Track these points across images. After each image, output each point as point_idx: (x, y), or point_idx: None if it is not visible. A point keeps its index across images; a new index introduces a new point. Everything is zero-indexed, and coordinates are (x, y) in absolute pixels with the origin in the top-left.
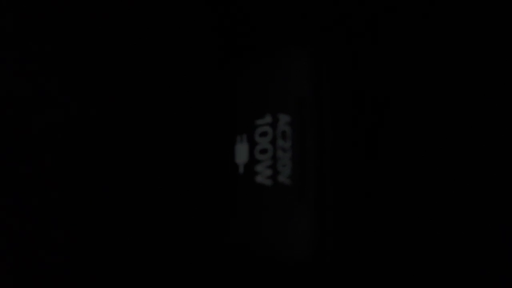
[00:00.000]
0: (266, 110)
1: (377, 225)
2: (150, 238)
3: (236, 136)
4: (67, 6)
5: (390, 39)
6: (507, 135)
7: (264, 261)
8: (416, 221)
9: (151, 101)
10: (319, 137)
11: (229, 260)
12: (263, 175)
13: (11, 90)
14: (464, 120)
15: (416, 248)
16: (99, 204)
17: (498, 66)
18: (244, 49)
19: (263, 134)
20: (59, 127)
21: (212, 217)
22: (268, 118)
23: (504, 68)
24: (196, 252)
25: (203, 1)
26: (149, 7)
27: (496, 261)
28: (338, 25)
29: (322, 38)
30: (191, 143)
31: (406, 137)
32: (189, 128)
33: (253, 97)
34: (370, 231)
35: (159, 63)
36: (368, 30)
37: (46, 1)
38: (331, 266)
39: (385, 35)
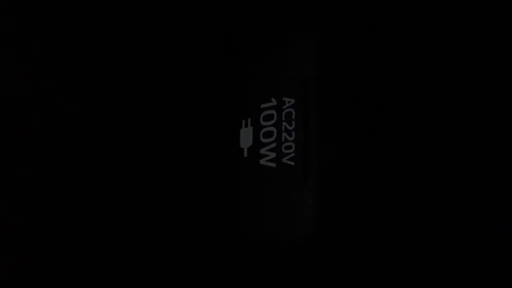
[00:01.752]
0: (272, 94)
1: (378, 205)
2: (154, 229)
3: (241, 120)
4: (67, 6)
5: (390, 39)
6: (507, 136)
7: (269, 239)
8: (412, 208)
9: (151, 95)
10: (323, 119)
11: (236, 242)
12: (267, 158)
13: (11, 90)
14: (463, 120)
15: (412, 231)
16: (99, 204)
17: (498, 66)
18: (245, 45)
19: (268, 117)
20: (59, 127)
21: (215, 203)
22: (273, 101)
23: (504, 68)
24: (202, 237)
25: (203, 1)
26: (149, 7)
27: (492, 261)
28: (338, 25)
29: (324, 34)
30: (195, 134)
31: (404, 129)
32: (192, 119)
33: (258, 81)
34: (371, 209)
35: (159, 62)
36: (368, 30)
37: (46, 1)
38: (334, 243)
39: (385, 35)
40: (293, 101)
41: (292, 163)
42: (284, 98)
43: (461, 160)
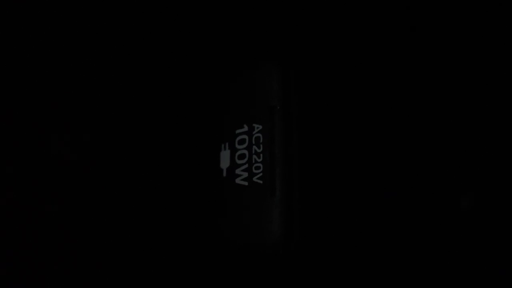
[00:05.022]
0: (244, 121)
1: (338, 217)
2: (141, 236)
3: (220, 144)
4: (67, 6)
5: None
6: (507, 136)
7: (241, 250)
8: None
9: (146, 105)
10: (286, 143)
11: (211, 252)
12: (241, 177)
13: (11, 90)
14: (459, 121)
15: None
16: (97, 204)
17: (498, 66)
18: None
19: (242, 141)
20: (59, 127)
21: (200, 216)
22: (245, 127)
23: (504, 68)
24: (186, 247)
25: None
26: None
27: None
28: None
29: (294, 52)
30: (182, 151)
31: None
32: (181, 138)
33: (233, 109)
34: (332, 222)
35: (159, 65)
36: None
37: (46, 1)
38: (297, 252)
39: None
40: (260, 127)
41: (260, 182)
42: (253, 124)
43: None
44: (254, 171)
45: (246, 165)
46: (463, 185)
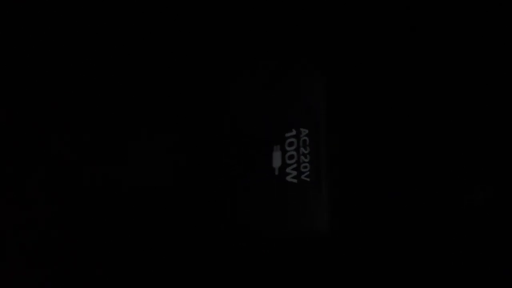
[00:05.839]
0: (292, 126)
1: (378, 212)
2: (142, 236)
3: (273, 146)
4: (67, 6)
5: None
6: (507, 136)
7: (288, 241)
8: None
9: (146, 105)
10: (330, 145)
11: (267, 240)
12: (291, 176)
13: (11, 90)
14: (464, 122)
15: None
16: (97, 204)
17: (498, 67)
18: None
19: (291, 144)
20: (59, 127)
21: (253, 210)
22: (293, 132)
23: (504, 68)
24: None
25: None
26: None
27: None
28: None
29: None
30: (184, 150)
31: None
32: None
33: (282, 116)
34: (373, 217)
35: (169, 67)
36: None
37: (46, 1)
38: (341, 241)
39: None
40: (307, 131)
41: (308, 179)
42: (301, 129)
43: (467, 162)
44: (302, 170)
45: (295, 165)
46: (475, 181)
